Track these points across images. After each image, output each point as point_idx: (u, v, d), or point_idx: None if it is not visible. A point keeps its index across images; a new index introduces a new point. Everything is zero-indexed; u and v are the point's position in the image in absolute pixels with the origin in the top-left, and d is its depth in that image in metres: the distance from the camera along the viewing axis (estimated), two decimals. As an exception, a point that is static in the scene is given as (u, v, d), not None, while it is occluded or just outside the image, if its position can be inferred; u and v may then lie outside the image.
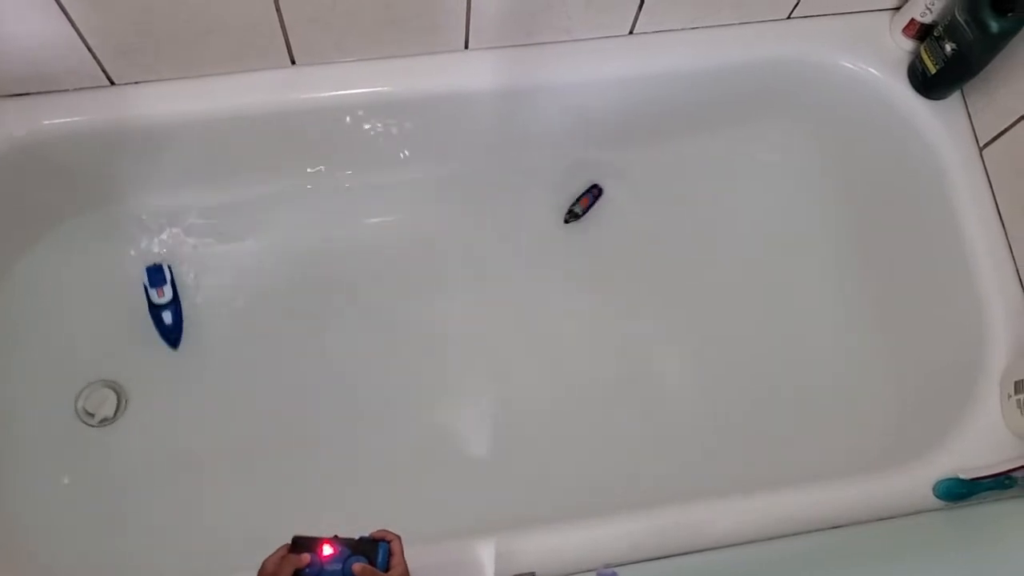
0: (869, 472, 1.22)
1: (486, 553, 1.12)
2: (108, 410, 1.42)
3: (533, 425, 1.49)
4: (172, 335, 1.46)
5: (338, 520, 1.34)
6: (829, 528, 1.16)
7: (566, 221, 1.58)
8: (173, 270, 1.49)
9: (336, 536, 0.88)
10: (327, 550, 0.86)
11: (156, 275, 1.46)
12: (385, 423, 1.47)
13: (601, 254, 1.60)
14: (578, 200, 1.58)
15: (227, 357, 1.49)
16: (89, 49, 1.20)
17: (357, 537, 0.89)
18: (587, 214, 1.58)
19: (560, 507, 1.28)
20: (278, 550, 0.87)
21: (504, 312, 1.56)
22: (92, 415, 1.41)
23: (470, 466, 1.46)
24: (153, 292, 1.44)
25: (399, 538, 0.90)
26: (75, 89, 1.28)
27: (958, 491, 1.18)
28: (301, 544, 0.88)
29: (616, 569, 1.07)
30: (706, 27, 1.39)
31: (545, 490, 1.40)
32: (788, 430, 1.48)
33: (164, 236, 1.52)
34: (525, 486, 1.42)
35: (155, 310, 1.45)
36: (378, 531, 0.91)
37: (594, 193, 1.59)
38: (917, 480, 1.20)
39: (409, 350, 1.52)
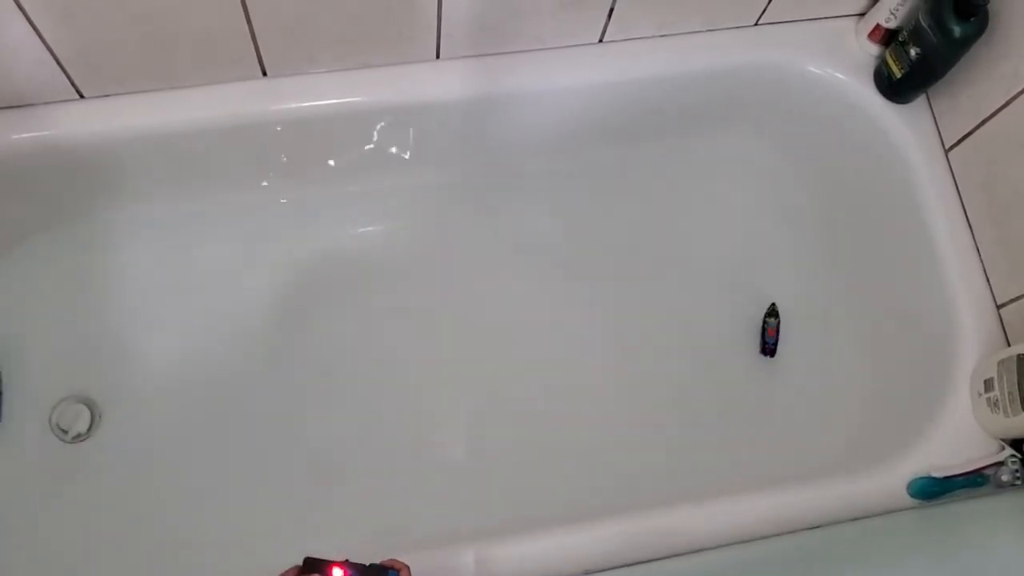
0: (843, 472, 1.23)
1: (464, 561, 1.12)
2: (82, 426, 1.40)
3: (514, 433, 1.49)
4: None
5: (317, 533, 1.35)
6: (804, 529, 1.17)
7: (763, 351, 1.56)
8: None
9: (347, 560, 0.88)
10: (337, 573, 0.86)
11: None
12: (368, 429, 1.47)
13: (576, 261, 1.61)
14: (765, 330, 1.56)
15: (204, 371, 1.48)
16: (58, 63, 1.20)
17: (368, 563, 0.89)
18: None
19: (539, 514, 1.28)
20: (288, 571, 0.87)
21: (483, 321, 1.56)
22: (66, 431, 1.40)
23: (447, 474, 1.45)
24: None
25: (408, 568, 0.90)
26: (44, 103, 1.27)
27: (931, 489, 1.19)
28: (312, 566, 0.87)
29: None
30: (675, 35, 1.40)
31: (525, 497, 1.40)
32: (760, 432, 1.49)
33: (136, 248, 1.51)
34: (504, 493, 1.42)
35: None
36: (388, 559, 0.91)
37: (773, 321, 1.57)
38: (891, 479, 1.20)
39: (394, 356, 1.53)
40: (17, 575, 1.29)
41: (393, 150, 1.49)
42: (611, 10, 1.32)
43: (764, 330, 1.57)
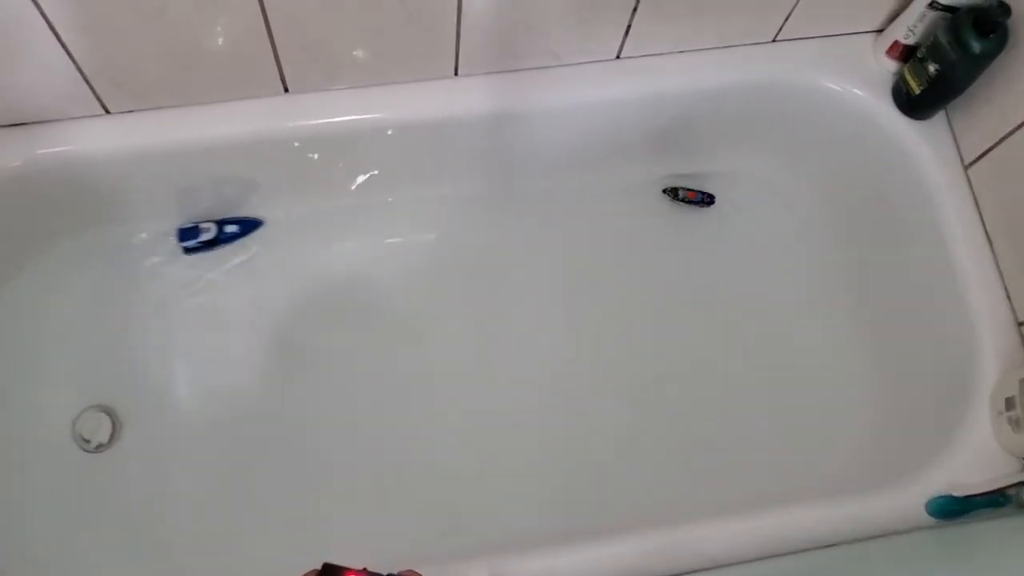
0: (861, 490, 1.22)
1: (481, 573, 1.12)
2: (103, 436, 1.42)
3: (527, 448, 1.49)
4: None
5: (333, 544, 1.35)
6: (821, 547, 1.16)
7: (664, 191, 1.60)
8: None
9: (366, 569, 0.88)
10: None
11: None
12: (383, 442, 1.47)
13: (589, 277, 1.61)
14: (686, 189, 1.60)
15: (224, 382, 1.49)
16: (85, 79, 1.22)
17: (386, 573, 0.89)
18: (682, 203, 1.60)
19: (552, 530, 1.28)
20: (306, 575, 0.88)
21: (496, 335, 1.57)
22: (88, 441, 1.42)
23: (458, 488, 1.45)
24: None
25: None
26: (71, 118, 1.30)
27: (951, 508, 1.18)
28: (331, 572, 0.87)
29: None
30: (692, 51, 1.41)
31: (537, 513, 1.40)
32: (779, 450, 1.48)
33: (160, 259, 1.53)
34: (518, 509, 1.42)
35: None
36: (406, 570, 0.91)
37: (704, 197, 1.60)
38: (910, 498, 1.19)
39: (410, 368, 1.53)
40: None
41: (411, 166, 1.50)
42: (628, 27, 1.33)
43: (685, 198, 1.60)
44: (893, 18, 1.40)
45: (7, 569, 1.32)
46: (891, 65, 1.42)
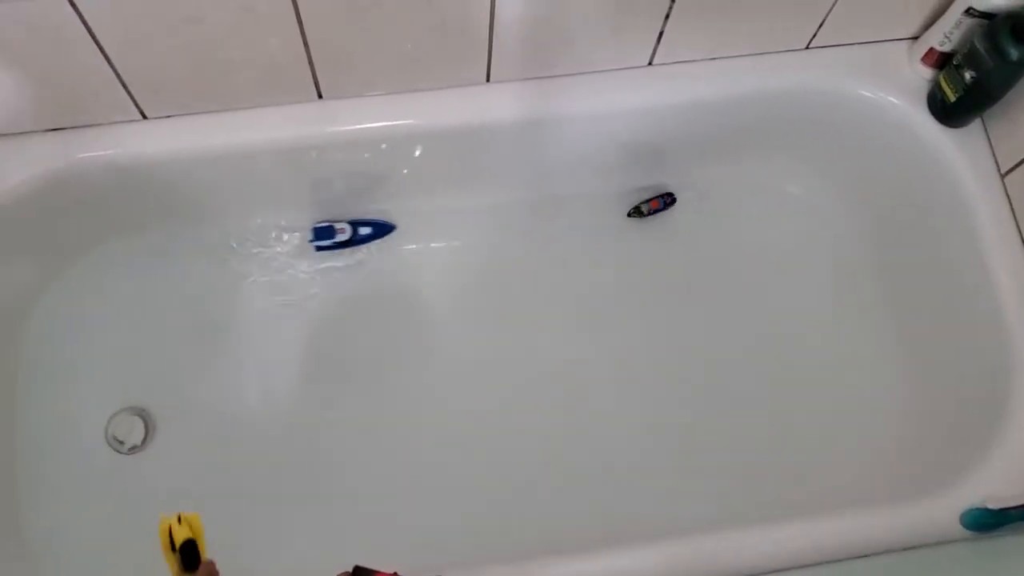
0: (895, 501, 1.21)
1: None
2: (136, 438, 1.44)
3: (553, 454, 1.49)
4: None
5: (359, 546, 1.36)
6: (853, 558, 1.15)
7: (629, 215, 1.59)
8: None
9: (396, 573, 0.89)
10: None
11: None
12: (411, 446, 1.48)
13: (618, 284, 1.61)
14: (648, 200, 1.60)
15: (257, 386, 1.51)
16: (123, 85, 1.24)
17: None
18: (652, 216, 1.60)
19: (576, 537, 1.28)
20: None
21: (525, 338, 1.57)
22: (122, 442, 1.44)
23: (485, 495, 1.46)
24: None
25: None
26: (109, 123, 1.32)
27: (986, 521, 1.16)
28: (361, 575, 0.88)
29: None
30: (724, 58, 1.41)
31: (563, 521, 1.40)
32: (811, 459, 1.47)
33: (197, 266, 1.55)
34: (543, 516, 1.42)
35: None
36: None
37: (666, 200, 1.60)
38: (944, 509, 1.18)
39: (438, 375, 1.55)
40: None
41: (444, 172, 1.51)
42: (661, 33, 1.33)
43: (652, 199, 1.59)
44: (928, 25, 1.39)
45: (39, 568, 1.34)
46: (926, 72, 1.40)
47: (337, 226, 1.53)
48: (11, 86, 1.21)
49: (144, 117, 1.32)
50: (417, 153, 1.43)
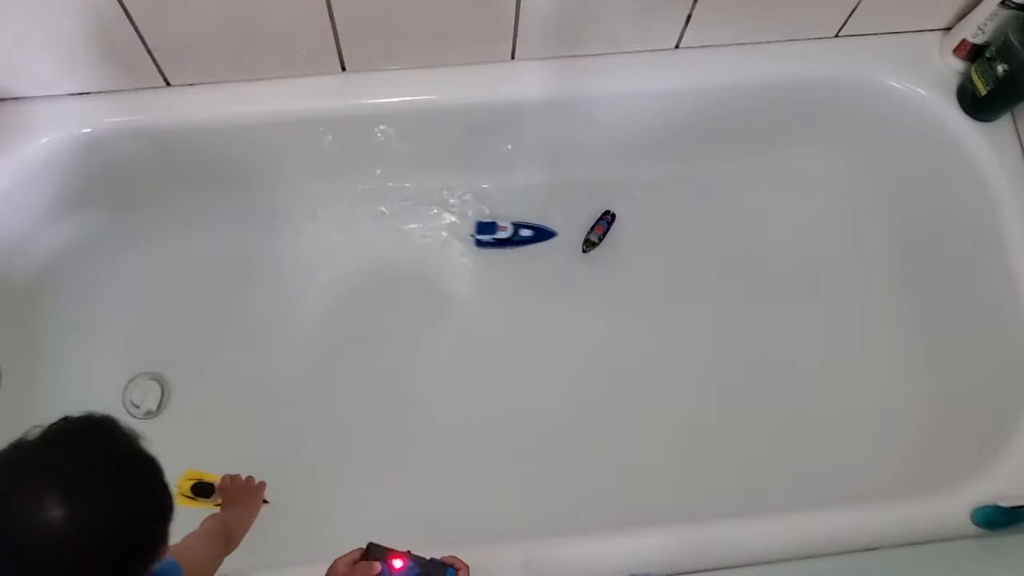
0: (907, 495, 1.20)
1: (511, 560, 1.12)
2: (152, 403, 1.45)
3: (570, 439, 1.49)
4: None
5: (371, 520, 1.37)
6: (863, 550, 1.15)
7: (584, 251, 1.57)
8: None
9: (409, 552, 0.89)
10: (397, 563, 0.88)
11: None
12: (425, 422, 1.49)
13: (639, 270, 1.60)
14: (593, 228, 1.57)
15: (273, 356, 1.52)
16: (149, 52, 1.24)
17: (428, 558, 0.90)
18: (604, 240, 1.57)
19: (595, 519, 1.28)
20: (351, 553, 0.89)
21: (526, 332, 1.57)
22: (138, 406, 1.45)
23: (504, 474, 1.46)
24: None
25: (467, 568, 0.91)
26: (133, 89, 1.32)
27: (997, 519, 1.16)
28: (375, 552, 0.89)
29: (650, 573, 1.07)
30: (753, 43, 1.39)
31: (582, 502, 1.40)
32: (824, 451, 1.46)
33: (218, 235, 1.56)
34: (560, 497, 1.42)
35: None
36: (449, 556, 0.92)
37: (607, 220, 1.57)
38: (956, 505, 1.18)
39: (452, 353, 1.55)
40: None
41: (465, 148, 1.51)
42: (689, 16, 1.31)
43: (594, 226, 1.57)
44: (962, 16, 1.37)
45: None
46: (957, 64, 1.39)
47: (500, 224, 1.55)
48: (38, 49, 1.21)
49: (167, 84, 1.32)
50: (440, 127, 1.43)
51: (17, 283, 1.41)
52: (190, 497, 1.28)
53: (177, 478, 1.27)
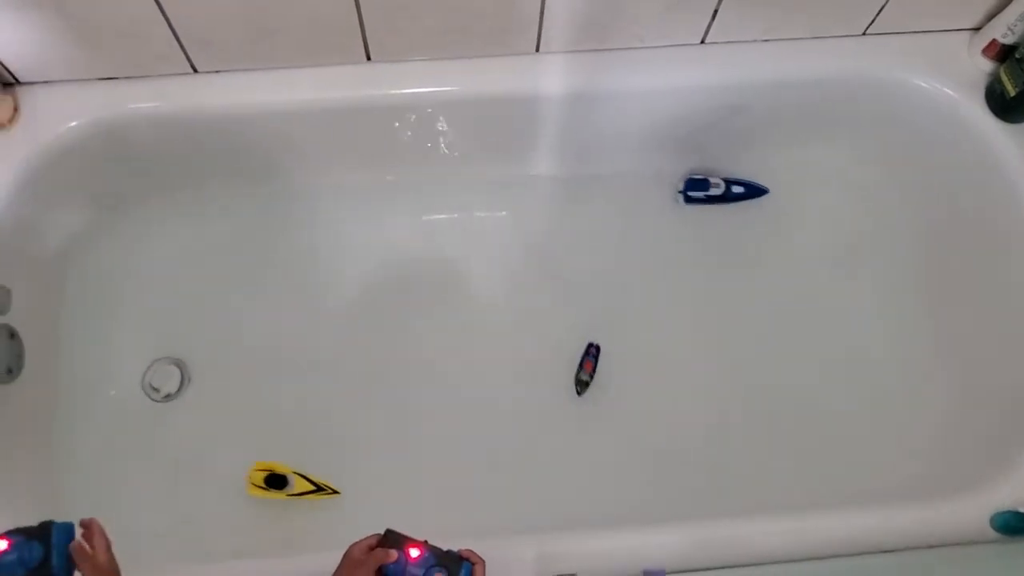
0: (925, 497, 1.19)
1: (525, 554, 1.12)
2: (172, 386, 1.47)
3: (585, 432, 1.49)
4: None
5: (384, 510, 1.38)
6: (880, 552, 1.14)
7: (578, 393, 1.49)
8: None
9: (426, 542, 0.90)
10: (414, 552, 0.88)
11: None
12: (437, 416, 1.49)
13: (659, 262, 1.60)
14: (581, 365, 1.51)
15: (291, 341, 1.53)
16: (176, 37, 1.25)
17: (445, 549, 0.90)
18: (594, 376, 1.50)
19: (607, 514, 1.28)
20: (368, 538, 0.89)
21: (555, 315, 1.57)
22: (157, 390, 1.47)
23: (518, 467, 1.46)
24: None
25: (483, 564, 0.91)
26: (159, 75, 1.33)
27: (1017, 525, 1.14)
28: (392, 539, 0.89)
29: (663, 569, 1.07)
30: (779, 40, 1.39)
31: (594, 497, 1.40)
32: (844, 451, 1.45)
33: (239, 221, 1.57)
34: (574, 491, 1.42)
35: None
36: (466, 550, 0.92)
37: (592, 353, 1.51)
38: (975, 510, 1.16)
39: (471, 342, 1.55)
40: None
41: (487, 140, 1.51)
42: (715, 11, 1.31)
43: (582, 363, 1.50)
44: (992, 16, 1.36)
45: (71, 507, 1.37)
46: (986, 65, 1.37)
47: (712, 180, 1.55)
48: (67, 34, 1.22)
49: (195, 71, 1.33)
50: (462, 120, 1.43)
51: (40, 267, 1.42)
52: (263, 488, 1.33)
53: (248, 469, 1.36)
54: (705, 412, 1.50)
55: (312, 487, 1.38)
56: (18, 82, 1.32)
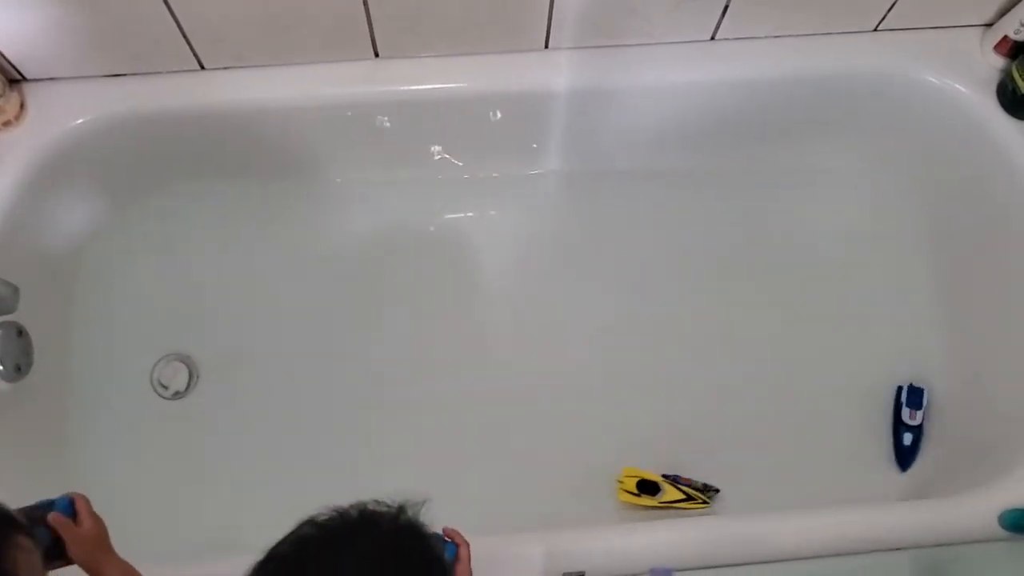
0: (935, 496, 1.20)
1: (533, 550, 1.12)
2: (180, 384, 1.47)
3: (592, 424, 1.49)
4: (907, 458, 1.44)
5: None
6: (888, 549, 1.14)
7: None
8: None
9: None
10: None
11: (913, 396, 1.46)
12: (445, 411, 1.49)
13: (665, 260, 1.60)
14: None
15: (300, 339, 1.52)
16: (184, 35, 1.25)
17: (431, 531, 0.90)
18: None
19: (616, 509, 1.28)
20: None
21: (562, 312, 1.57)
22: (166, 387, 1.47)
23: (525, 461, 1.46)
24: (907, 411, 1.44)
25: (468, 545, 0.91)
26: (167, 72, 1.33)
27: (1025, 523, 1.15)
28: None
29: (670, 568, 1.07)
30: (790, 36, 1.38)
31: (603, 492, 1.40)
32: (852, 447, 1.46)
33: (247, 218, 1.56)
34: (582, 487, 1.42)
35: (900, 427, 1.45)
36: (451, 529, 0.91)
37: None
38: (983, 507, 1.16)
39: (476, 335, 1.55)
40: (110, 522, 1.35)
41: (496, 137, 1.50)
42: (726, 7, 1.30)
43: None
44: (1004, 12, 1.35)
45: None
46: (998, 61, 1.36)
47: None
48: (74, 30, 1.22)
49: (202, 68, 1.33)
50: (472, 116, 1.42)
51: (49, 263, 1.42)
52: (634, 494, 1.34)
53: (617, 477, 1.38)
54: (712, 409, 1.50)
55: (682, 495, 1.35)
56: (25, 79, 1.32)
